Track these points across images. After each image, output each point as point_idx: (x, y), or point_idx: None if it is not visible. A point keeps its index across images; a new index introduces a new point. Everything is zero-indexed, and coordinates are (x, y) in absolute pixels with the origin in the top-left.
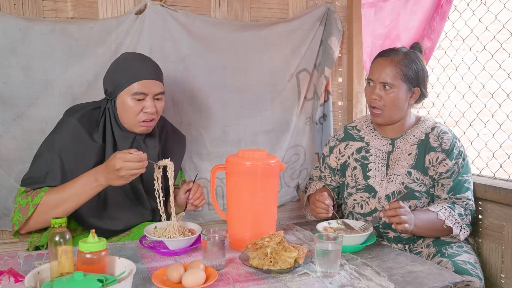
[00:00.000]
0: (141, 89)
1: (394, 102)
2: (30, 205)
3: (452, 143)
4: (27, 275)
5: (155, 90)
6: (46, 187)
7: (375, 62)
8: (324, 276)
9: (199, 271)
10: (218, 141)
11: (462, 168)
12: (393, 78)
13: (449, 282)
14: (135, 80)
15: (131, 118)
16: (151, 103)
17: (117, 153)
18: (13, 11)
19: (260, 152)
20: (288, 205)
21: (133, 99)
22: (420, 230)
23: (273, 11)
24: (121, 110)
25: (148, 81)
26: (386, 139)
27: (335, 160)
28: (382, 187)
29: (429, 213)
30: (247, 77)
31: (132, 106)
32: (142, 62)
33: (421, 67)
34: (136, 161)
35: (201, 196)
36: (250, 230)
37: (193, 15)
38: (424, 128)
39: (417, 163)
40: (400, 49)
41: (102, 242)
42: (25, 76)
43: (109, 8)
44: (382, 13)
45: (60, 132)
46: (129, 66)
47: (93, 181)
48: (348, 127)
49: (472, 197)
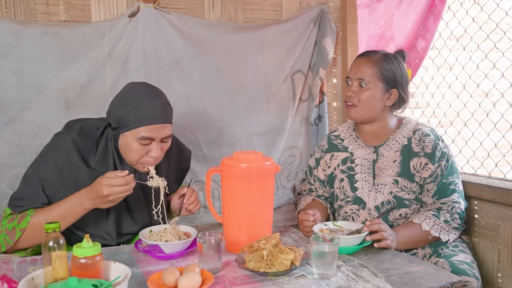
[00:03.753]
0: (148, 134)
1: (369, 100)
2: (17, 229)
3: (434, 146)
4: (21, 281)
5: (162, 135)
6: (31, 209)
7: (354, 61)
8: (321, 278)
9: (195, 275)
10: (213, 143)
11: (446, 170)
12: (369, 76)
13: (446, 283)
14: (143, 125)
15: (133, 159)
16: (157, 147)
17: (103, 178)
18: (5, 15)
19: (255, 154)
20: (284, 207)
21: (138, 143)
22: (404, 246)
23: (267, 12)
24: (124, 149)
25: (157, 126)
26: (369, 148)
27: (323, 172)
28: (370, 198)
29: (411, 227)
30: (241, 79)
31: (137, 150)
32: (152, 102)
33: (400, 69)
34: (123, 184)
35: (196, 201)
36: (246, 232)
37: (186, 17)
38: (406, 132)
39: (402, 170)
40: (379, 51)
41: (96, 247)
42: (18, 80)
43: (102, 11)
44: (376, 14)
45: (54, 152)
46: (137, 105)
47: (78, 205)
48: (331, 137)
49: (459, 199)
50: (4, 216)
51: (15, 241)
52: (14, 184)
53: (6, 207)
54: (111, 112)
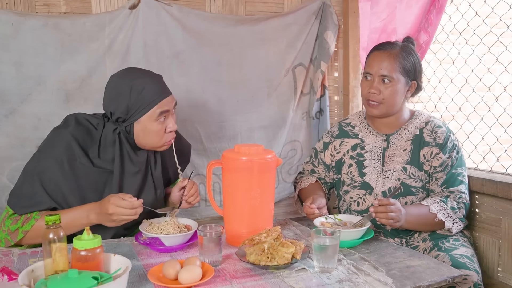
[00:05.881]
0: (164, 108)
1: (393, 96)
2: (20, 231)
3: (446, 137)
4: (21, 273)
5: (172, 104)
6: (36, 212)
7: (372, 56)
8: (322, 271)
9: (195, 268)
10: (214, 136)
11: (456, 162)
12: (393, 71)
13: (447, 277)
14: (157, 102)
15: (155, 142)
16: (172, 120)
17: (112, 197)
18: (4, 6)
19: (256, 147)
20: (285, 200)
21: (157, 122)
22: (411, 224)
23: (268, 5)
24: (143, 135)
25: (168, 98)
26: (381, 136)
27: (330, 157)
28: (378, 184)
29: (420, 207)
30: (242, 72)
31: (157, 130)
32: (154, 80)
33: (418, 59)
34: (128, 207)
35: (196, 193)
36: (247, 226)
37: (187, 10)
38: (418, 123)
39: (412, 158)
40: (396, 43)
41: (97, 239)
42: (17, 72)
43: (103, 3)
44: (378, 7)
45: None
46: (144, 87)
47: (84, 217)
48: (342, 124)
49: (466, 191)
50: (6, 215)
51: (16, 241)
52: (14, 176)
53: (7, 205)
54: (114, 105)
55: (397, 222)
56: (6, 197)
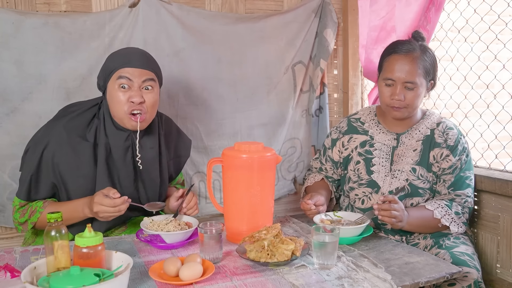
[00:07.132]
0: (125, 74)
1: (416, 100)
2: (29, 222)
3: (457, 139)
4: (24, 270)
5: (141, 78)
6: (40, 203)
7: (392, 60)
8: (321, 268)
9: (196, 265)
10: (214, 134)
11: (465, 165)
12: (416, 76)
13: (446, 273)
14: (121, 67)
15: (119, 109)
16: (137, 92)
17: (96, 195)
18: (5, 5)
19: (256, 144)
20: (285, 198)
21: (119, 87)
22: (412, 227)
23: (268, 3)
24: (110, 102)
25: (133, 69)
26: (391, 134)
27: (338, 154)
28: (385, 183)
29: (424, 211)
30: (242, 70)
31: (119, 95)
32: (130, 50)
33: (434, 56)
34: (110, 206)
35: (195, 206)
36: (247, 223)
37: (187, 8)
38: (429, 123)
39: (421, 159)
40: (413, 42)
41: (98, 237)
42: (18, 70)
43: (103, 1)
44: (378, 5)
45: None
46: (117, 55)
47: (80, 211)
48: (351, 119)
49: (472, 195)
50: (14, 210)
51: (28, 229)
52: (16, 174)
53: (15, 196)
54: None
55: (399, 221)
56: (7, 194)
